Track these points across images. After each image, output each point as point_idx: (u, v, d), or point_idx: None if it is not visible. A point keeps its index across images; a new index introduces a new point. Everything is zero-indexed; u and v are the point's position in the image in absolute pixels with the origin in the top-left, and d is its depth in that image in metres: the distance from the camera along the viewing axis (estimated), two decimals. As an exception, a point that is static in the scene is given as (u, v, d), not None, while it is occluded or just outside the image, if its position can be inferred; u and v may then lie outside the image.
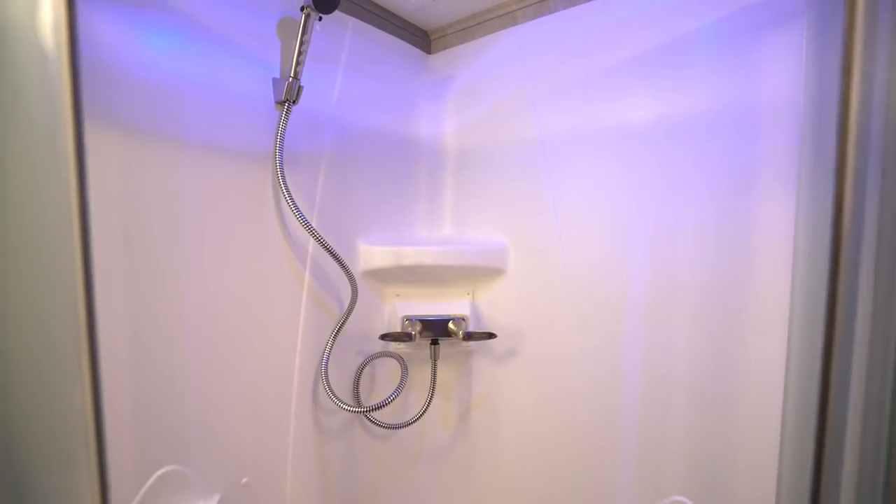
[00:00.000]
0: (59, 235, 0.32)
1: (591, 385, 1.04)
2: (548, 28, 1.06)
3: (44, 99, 0.31)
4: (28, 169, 0.32)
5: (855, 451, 0.45)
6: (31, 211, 0.32)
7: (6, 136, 0.32)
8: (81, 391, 0.32)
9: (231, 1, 0.85)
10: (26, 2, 0.32)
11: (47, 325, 0.33)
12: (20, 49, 0.31)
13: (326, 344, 1.01)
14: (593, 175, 1.01)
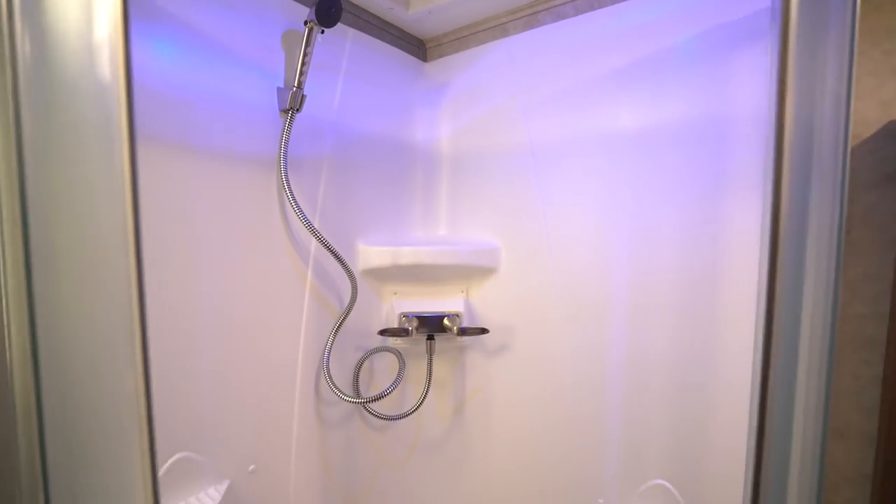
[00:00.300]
0: (115, 242, 0.37)
1: (578, 379, 1.10)
2: (537, 40, 1.12)
3: (101, 123, 0.37)
4: (87, 185, 0.38)
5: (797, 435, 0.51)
6: (90, 221, 0.38)
7: (67, 150, 0.38)
8: (135, 377, 0.38)
9: (238, 15, 0.90)
10: (84, 37, 0.37)
11: (104, 318, 0.38)
12: (80, 79, 0.37)
13: (328, 339, 1.07)
14: (579, 180, 1.08)
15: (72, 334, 0.39)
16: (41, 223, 0.38)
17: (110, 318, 0.38)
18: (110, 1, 0.37)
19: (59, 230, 0.39)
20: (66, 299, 0.38)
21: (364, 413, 1.19)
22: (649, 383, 1.02)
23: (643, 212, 1.00)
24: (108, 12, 0.37)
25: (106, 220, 0.38)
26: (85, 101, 0.37)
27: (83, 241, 0.38)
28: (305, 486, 1.07)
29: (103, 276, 0.38)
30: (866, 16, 0.75)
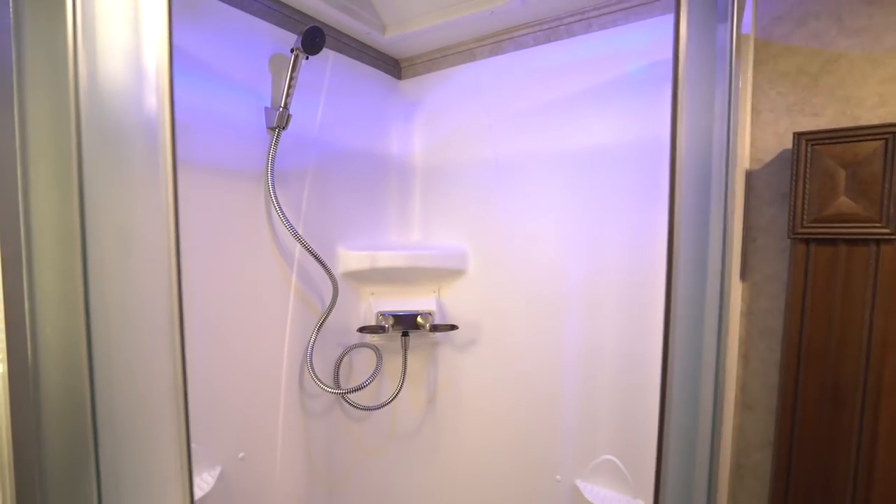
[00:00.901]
0: (157, 248, 0.47)
1: (538, 368, 1.24)
2: (501, 66, 1.25)
3: (147, 150, 0.47)
4: (132, 199, 0.48)
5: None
6: (137, 233, 0.48)
7: (118, 175, 0.47)
8: (173, 364, 0.48)
9: (230, 42, 0.99)
10: (134, 79, 0.47)
11: (148, 319, 0.48)
12: (129, 112, 0.47)
13: (311, 336, 1.16)
14: (538, 192, 1.21)
15: (119, 332, 0.48)
16: (94, 237, 0.48)
17: (153, 320, 0.48)
18: (157, 42, 0.47)
19: (109, 243, 0.48)
20: (115, 302, 0.48)
21: (344, 404, 1.29)
22: (599, 371, 1.16)
23: (593, 220, 1.14)
24: (154, 52, 0.47)
25: (152, 235, 0.48)
26: (134, 131, 0.47)
27: (131, 255, 0.47)
28: (290, 472, 1.16)
29: (148, 284, 0.47)
30: (766, 63, 0.91)
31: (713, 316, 0.67)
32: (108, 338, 0.48)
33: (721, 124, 0.70)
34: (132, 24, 0.48)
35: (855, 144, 0.78)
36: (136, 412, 0.50)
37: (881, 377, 0.79)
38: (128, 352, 0.49)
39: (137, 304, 0.48)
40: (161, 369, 0.49)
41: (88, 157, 0.47)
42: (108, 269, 0.48)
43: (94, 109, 0.48)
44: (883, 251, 0.78)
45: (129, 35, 0.48)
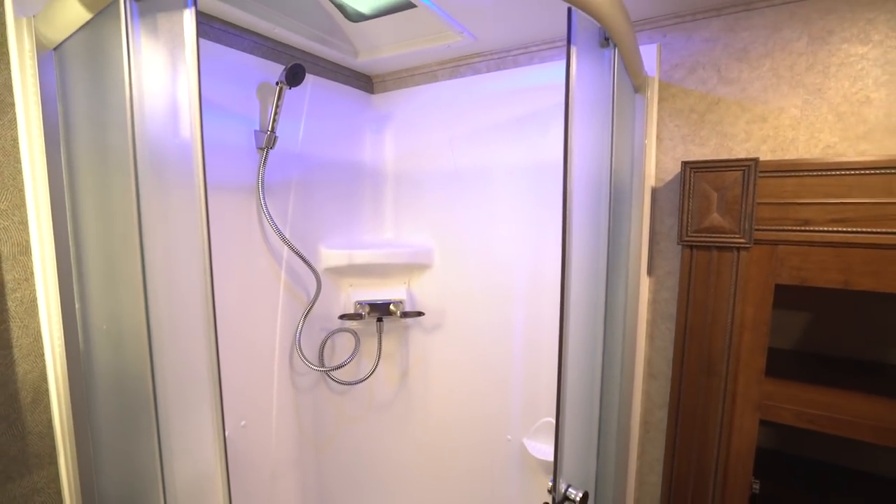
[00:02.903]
0: (193, 254, 0.67)
1: (491, 347, 1.47)
2: (459, 87, 1.44)
3: (185, 169, 0.66)
4: (168, 210, 0.67)
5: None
6: (175, 240, 0.67)
7: (164, 190, 0.67)
8: (209, 341, 0.68)
9: (224, 77, 1.16)
10: (167, 109, 0.66)
11: (183, 294, 0.68)
12: (166, 142, 0.66)
13: (298, 323, 1.37)
14: (492, 198, 1.42)
15: (167, 321, 0.69)
16: (151, 244, 0.67)
17: (189, 312, 0.68)
18: (189, 89, 0.65)
19: (156, 249, 0.68)
20: (163, 299, 0.68)
21: (328, 380, 1.51)
22: (540, 346, 1.40)
23: (536, 223, 1.36)
24: (186, 93, 0.66)
25: (188, 241, 0.67)
26: (171, 155, 0.67)
27: (174, 261, 0.67)
28: (284, 438, 1.39)
29: (186, 283, 0.67)
30: (667, 100, 1.12)
31: (621, 303, 0.90)
32: (160, 325, 0.68)
33: (605, 150, 0.91)
34: (170, 75, 0.66)
35: (723, 173, 1.00)
36: (183, 381, 0.71)
37: (739, 351, 1.04)
38: (175, 336, 0.69)
39: (180, 300, 0.68)
40: (198, 349, 0.69)
41: (143, 173, 0.66)
42: (157, 271, 0.68)
43: (143, 142, 0.67)
44: (741, 256, 1.02)
45: (167, 85, 0.66)
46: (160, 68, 0.66)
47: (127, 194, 0.68)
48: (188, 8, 0.61)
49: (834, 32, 0.96)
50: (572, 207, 0.84)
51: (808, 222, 0.95)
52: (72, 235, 0.85)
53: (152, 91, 0.67)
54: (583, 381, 0.97)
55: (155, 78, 0.66)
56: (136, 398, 0.71)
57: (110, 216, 0.76)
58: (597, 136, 0.93)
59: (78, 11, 0.68)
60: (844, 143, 0.96)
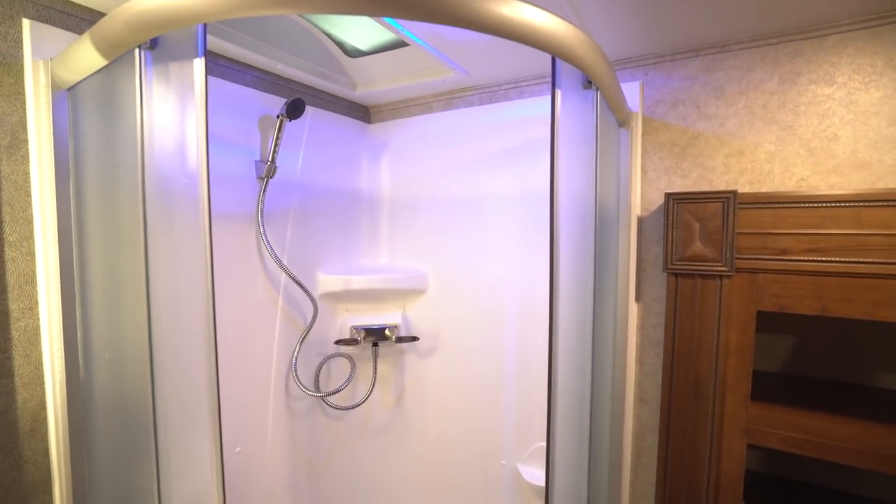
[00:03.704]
0: (196, 285, 0.70)
1: (485, 371, 1.49)
2: (453, 119, 1.50)
3: (191, 204, 0.69)
4: (173, 243, 0.70)
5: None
6: (179, 272, 0.70)
7: (171, 220, 0.70)
8: (209, 367, 0.70)
9: (226, 111, 1.20)
10: (175, 147, 0.69)
11: (186, 322, 0.70)
12: (173, 181, 0.69)
13: (295, 348, 1.39)
14: (484, 225, 1.46)
15: (168, 347, 0.71)
16: (156, 274, 0.70)
17: (192, 335, 0.70)
18: (197, 125, 0.69)
19: (159, 274, 0.71)
20: (164, 329, 0.71)
21: (324, 405, 1.52)
22: (532, 370, 1.42)
23: (526, 250, 1.40)
24: (194, 133, 0.69)
25: (190, 276, 0.70)
26: (177, 190, 0.70)
27: (178, 291, 0.70)
28: (279, 464, 1.39)
29: (187, 309, 0.70)
30: (650, 134, 1.18)
31: (611, 328, 0.93)
32: (161, 351, 0.71)
33: (591, 181, 0.96)
34: (179, 117, 0.70)
35: (704, 204, 1.05)
36: (182, 407, 0.73)
37: (725, 376, 1.07)
38: (176, 361, 0.71)
39: (182, 329, 0.71)
40: (198, 376, 0.71)
41: (150, 206, 0.70)
42: (161, 301, 0.70)
43: (151, 178, 0.70)
44: (724, 283, 1.06)
45: (176, 125, 0.70)
46: (170, 111, 0.70)
47: (134, 227, 0.71)
48: (198, 57, 0.66)
49: (802, 74, 1.02)
50: (559, 238, 0.88)
51: (785, 252, 0.99)
52: (77, 266, 0.87)
53: (161, 131, 0.71)
54: (574, 406, 1.00)
55: (164, 119, 0.70)
56: (135, 424, 0.73)
57: (116, 247, 0.79)
58: (583, 168, 0.97)
59: (94, 58, 0.73)
60: (816, 177, 1.02)
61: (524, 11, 0.64)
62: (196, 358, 0.70)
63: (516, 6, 0.63)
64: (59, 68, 0.82)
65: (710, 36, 1.06)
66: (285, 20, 1.18)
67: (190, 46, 0.67)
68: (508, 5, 0.62)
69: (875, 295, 0.92)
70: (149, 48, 0.68)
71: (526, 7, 0.64)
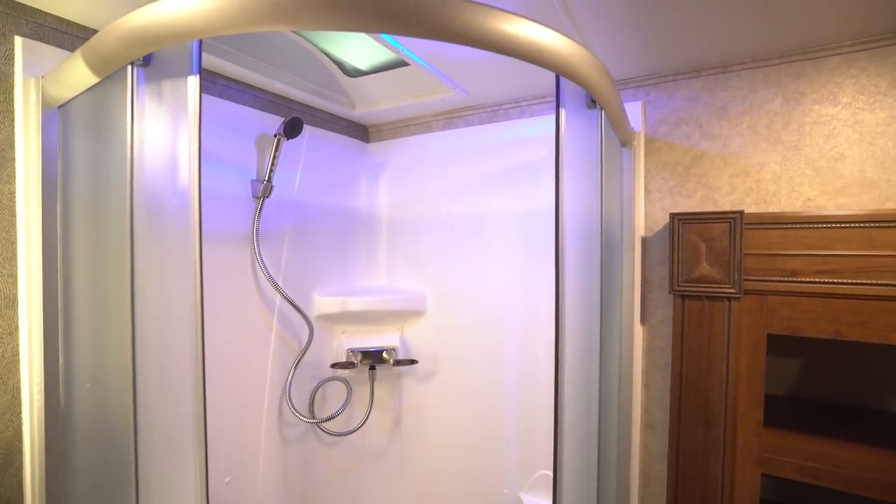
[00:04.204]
0: (185, 309, 0.66)
1: (486, 395, 1.44)
2: (453, 138, 1.49)
3: (181, 226, 0.66)
4: (162, 265, 0.67)
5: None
6: (167, 295, 0.67)
7: (160, 242, 0.67)
8: (196, 394, 0.66)
9: (223, 130, 1.19)
10: (167, 166, 0.66)
11: (173, 348, 0.66)
12: (164, 201, 0.66)
13: (289, 372, 1.34)
14: (484, 245, 1.43)
15: (154, 375, 0.67)
16: (143, 297, 0.66)
17: (179, 361, 0.66)
18: (190, 141, 0.67)
19: (146, 297, 0.67)
20: (151, 356, 0.67)
21: (318, 431, 1.46)
22: (535, 394, 1.37)
23: (527, 271, 1.37)
24: (187, 152, 0.67)
25: (181, 291, 0.67)
26: (168, 212, 0.67)
27: (166, 310, 0.67)
28: (271, 494, 1.32)
29: (174, 334, 0.66)
30: (653, 154, 1.17)
31: (616, 352, 0.90)
32: (146, 379, 0.67)
33: (595, 201, 0.94)
34: (172, 136, 0.68)
35: (710, 224, 1.03)
36: (167, 438, 0.68)
37: (736, 401, 1.03)
38: (162, 390, 0.67)
39: (169, 355, 0.67)
40: (185, 405, 0.67)
41: (139, 227, 0.67)
42: (148, 326, 0.67)
43: (141, 200, 0.67)
44: (732, 306, 1.03)
45: (168, 144, 0.68)
46: (162, 129, 0.67)
47: (121, 248, 0.68)
48: (193, 75, 0.64)
49: (805, 94, 1.01)
50: (565, 260, 0.85)
51: (794, 273, 0.97)
52: (61, 289, 0.84)
53: (153, 149, 0.68)
54: (580, 433, 0.95)
55: (156, 138, 0.68)
56: (116, 456, 0.68)
57: (103, 270, 0.76)
58: (586, 188, 0.95)
59: (86, 75, 0.70)
60: (824, 197, 1.00)
61: (528, 29, 0.62)
62: (183, 385, 0.66)
63: (520, 24, 0.61)
64: (50, 86, 0.80)
65: (712, 56, 1.06)
66: (284, 39, 1.17)
67: (184, 64, 0.65)
68: (512, 23, 0.61)
69: (890, 318, 0.89)
70: (142, 65, 0.66)
71: (530, 24, 0.62)
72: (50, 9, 0.83)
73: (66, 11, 0.84)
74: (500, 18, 0.59)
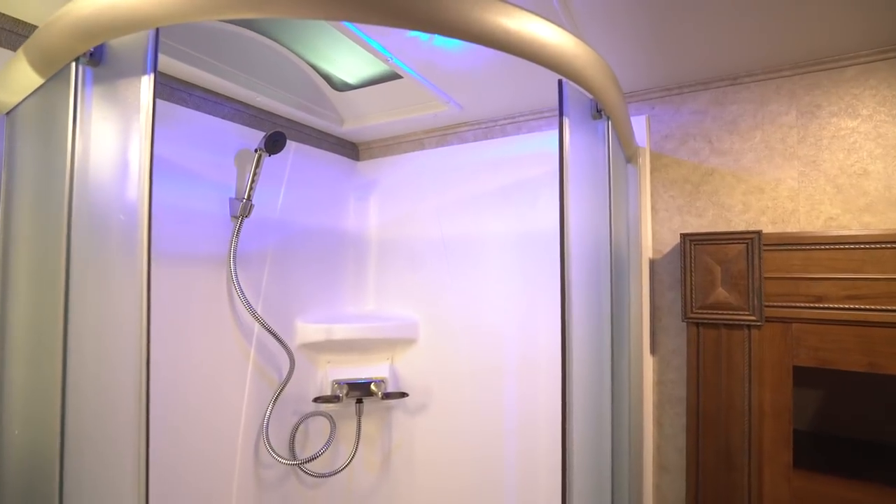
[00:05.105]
0: (129, 339, 0.56)
1: (482, 429, 1.33)
2: (446, 156, 1.41)
3: (127, 247, 0.56)
4: (106, 291, 0.57)
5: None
6: (113, 318, 0.57)
7: (104, 262, 0.57)
8: (138, 444, 0.55)
9: (200, 144, 1.10)
10: (115, 183, 0.57)
11: (114, 390, 0.56)
12: (109, 218, 0.57)
13: (267, 408, 1.22)
14: (480, 269, 1.34)
15: (89, 414, 0.56)
16: (80, 330, 0.56)
17: (121, 404, 0.56)
18: (141, 155, 0.57)
19: (85, 335, 0.57)
20: (86, 388, 0.56)
21: (300, 473, 1.33)
22: (536, 431, 1.26)
23: (527, 294, 1.28)
24: (138, 164, 0.57)
25: (125, 319, 0.57)
26: (115, 225, 0.57)
27: (106, 345, 0.56)
28: (243, 545, 1.19)
29: (115, 373, 0.56)
30: (659, 171, 1.10)
31: (625, 385, 0.80)
32: (79, 424, 0.56)
33: (602, 221, 0.86)
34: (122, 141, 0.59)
35: (725, 246, 0.95)
36: (100, 483, 0.57)
37: (761, 441, 0.93)
38: (97, 437, 0.56)
39: (110, 395, 0.56)
40: (126, 448, 0.56)
41: (77, 243, 0.57)
42: (84, 352, 0.57)
43: (85, 211, 0.58)
44: (753, 334, 0.94)
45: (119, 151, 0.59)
46: (112, 136, 0.59)
47: (56, 272, 0.58)
48: (147, 74, 0.55)
49: (822, 107, 0.95)
50: (571, 285, 0.76)
51: (821, 298, 0.88)
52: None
53: (101, 157, 0.59)
54: (590, 481, 0.84)
55: (105, 145, 0.59)
56: None
57: (40, 297, 0.66)
58: (591, 206, 0.87)
59: (30, 76, 0.62)
60: (847, 216, 0.93)
61: (530, 25, 0.55)
62: (124, 432, 0.56)
63: (522, 18, 0.54)
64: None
65: (720, 68, 1.00)
66: (267, 50, 1.10)
67: (140, 63, 0.57)
68: (513, 17, 0.53)
69: (932, 349, 0.80)
70: (90, 63, 0.58)
71: (533, 20, 0.55)
72: (0, 8, 0.76)
73: (18, 11, 0.76)
74: (497, 10, 0.52)
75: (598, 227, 0.90)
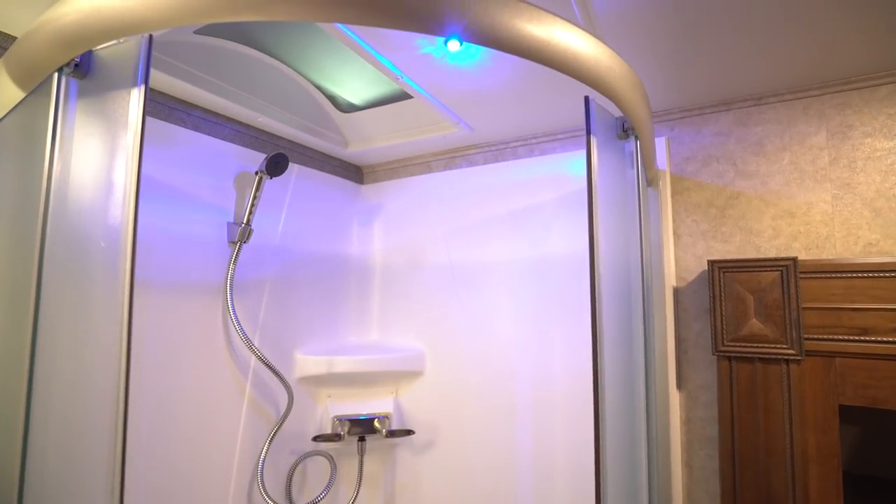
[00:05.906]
0: (110, 365, 0.49)
1: (493, 470, 1.23)
2: (455, 179, 1.36)
3: (108, 272, 0.49)
4: (91, 308, 0.50)
5: None
6: (93, 338, 0.49)
7: (82, 291, 0.50)
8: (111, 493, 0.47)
9: (197, 166, 1.05)
10: (98, 205, 0.51)
11: (89, 435, 0.48)
12: (90, 243, 0.50)
13: (263, 448, 1.13)
14: (490, 297, 1.27)
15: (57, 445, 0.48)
16: (50, 365, 0.49)
17: (96, 448, 0.48)
18: (128, 174, 0.51)
19: (58, 369, 0.49)
20: (57, 418, 0.49)
21: (295, 518, 1.22)
22: (552, 470, 1.16)
23: (540, 323, 1.20)
24: (123, 178, 0.51)
25: (104, 350, 0.50)
26: (95, 252, 0.51)
27: (82, 382, 0.49)
28: None
29: (97, 392, 0.49)
30: (681, 194, 1.05)
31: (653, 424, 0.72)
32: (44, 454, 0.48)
33: (631, 248, 0.79)
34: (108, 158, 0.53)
35: (758, 273, 0.89)
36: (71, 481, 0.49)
37: (807, 489, 0.84)
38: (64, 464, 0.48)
39: (85, 440, 0.49)
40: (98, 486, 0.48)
41: (50, 270, 0.50)
42: (56, 383, 0.49)
43: (62, 231, 0.52)
44: (792, 370, 0.86)
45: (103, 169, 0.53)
46: (96, 154, 0.53)
47: (25, 301, 0.52)
48: (136, 87, 0.50)
49: (854, 127, 0.91)
50: (601, 314, 0.69)
51: (866, 331, 0.81)
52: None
53: (83, 177, 0.53)
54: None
55: (89, 162, 0.53)
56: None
57: (14, 328, 0.59)
58: (616, 232, 0.81)
59: (11, 90, 0.57)
60: (889, 241, 0.87)
61: (564, 34, 0.50)
62: (95, 475, 0.48)
63: (556, 26, 0.49)
64: (-24, 107, 0.66)
65: (743, 88, 0.96)
66: (270, 69, 1.06)
67: (129, 75, 0.51)
68: (545, 24, 0.48)
69: None
70: (74, 75, 0.53)
71: (567, 28, 0.50)
72: (-13, 21, 0.71)
73: (2, 23, 0.72)
74: (527, 15, 0.47)
75: (625, 253, 0.83)
